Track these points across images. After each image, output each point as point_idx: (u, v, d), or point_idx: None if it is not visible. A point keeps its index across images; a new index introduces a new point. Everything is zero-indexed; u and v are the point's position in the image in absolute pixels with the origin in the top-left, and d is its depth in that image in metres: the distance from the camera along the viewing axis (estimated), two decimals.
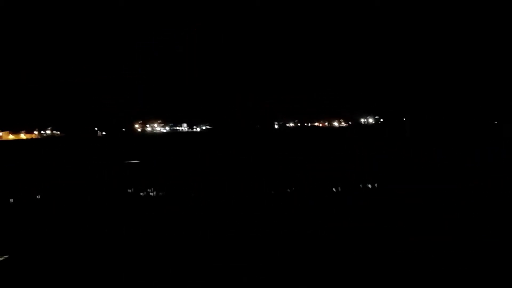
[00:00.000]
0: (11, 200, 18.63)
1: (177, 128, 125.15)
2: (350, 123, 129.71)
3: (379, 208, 14.23)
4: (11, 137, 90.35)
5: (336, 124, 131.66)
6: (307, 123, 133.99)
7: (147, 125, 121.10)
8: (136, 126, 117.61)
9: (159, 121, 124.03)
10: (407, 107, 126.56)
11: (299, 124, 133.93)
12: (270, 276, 8.71)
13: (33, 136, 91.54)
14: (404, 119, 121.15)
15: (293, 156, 32.55)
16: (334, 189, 17.97)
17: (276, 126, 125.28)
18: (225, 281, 8.68)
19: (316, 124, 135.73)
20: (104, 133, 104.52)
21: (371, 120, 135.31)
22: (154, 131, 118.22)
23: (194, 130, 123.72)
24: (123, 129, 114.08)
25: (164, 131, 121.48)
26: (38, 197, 19.60)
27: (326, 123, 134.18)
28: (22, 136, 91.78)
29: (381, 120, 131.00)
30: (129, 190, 21.22)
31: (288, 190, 18.15)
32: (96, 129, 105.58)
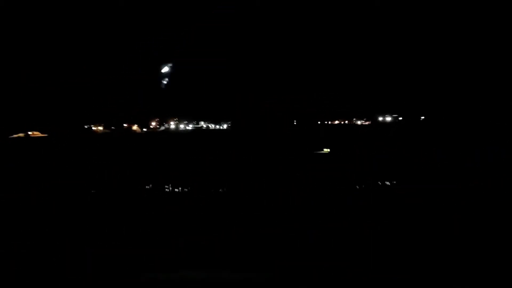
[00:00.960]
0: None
1: (201, 126, 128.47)
2: (369, 122, 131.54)
3: (381, 208, 14.24)
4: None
5: (358, 122, 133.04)
6: (326, 122, 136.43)
7: (165, 123, 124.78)
8: (154, 123, 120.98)
9: (175, 119, 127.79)
10: (422, 105, 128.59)
11: (319, 122, 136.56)
12: (271, 275, 8.38)
13: None
14: (423, 117, 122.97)
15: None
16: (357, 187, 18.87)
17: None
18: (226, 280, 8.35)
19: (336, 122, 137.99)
20: (144, 129, 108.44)
21: (388, 119, 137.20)
22: (180, 129, 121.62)
23: (220, 128, 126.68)
24: (150, 126, 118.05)
25: (189, 128, 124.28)
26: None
27: (346, 121, 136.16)
28: None
29: (400, 118, 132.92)
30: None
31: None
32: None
